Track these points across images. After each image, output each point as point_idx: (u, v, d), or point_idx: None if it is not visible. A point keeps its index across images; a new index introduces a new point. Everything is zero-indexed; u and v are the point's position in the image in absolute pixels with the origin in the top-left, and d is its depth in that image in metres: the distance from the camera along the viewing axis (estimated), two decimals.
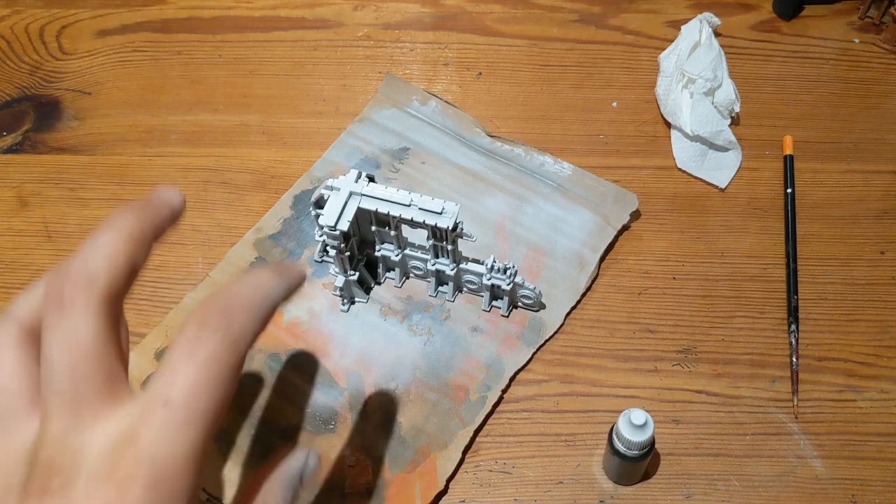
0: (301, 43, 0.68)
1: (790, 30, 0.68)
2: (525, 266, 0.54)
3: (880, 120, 0.62)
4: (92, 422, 0.25)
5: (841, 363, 0.51)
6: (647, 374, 0.51)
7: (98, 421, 0.25)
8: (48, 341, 0.25)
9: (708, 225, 0.57)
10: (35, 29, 0.70)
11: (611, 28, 0.69)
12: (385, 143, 0.60)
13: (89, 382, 0.25)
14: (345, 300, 0.52)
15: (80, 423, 0.25)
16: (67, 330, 0.25)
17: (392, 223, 0.49)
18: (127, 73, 0.66)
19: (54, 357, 0.25)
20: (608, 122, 0.63)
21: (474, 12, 0.70)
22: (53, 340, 0.25)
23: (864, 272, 0.55)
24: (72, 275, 0.26)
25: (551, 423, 0.49)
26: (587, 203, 0.57)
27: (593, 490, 0.47)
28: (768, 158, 0.60)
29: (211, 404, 0.25)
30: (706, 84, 0.59)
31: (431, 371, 0.50)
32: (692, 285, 0.54)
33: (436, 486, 0.46)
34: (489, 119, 0.63)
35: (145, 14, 0.70)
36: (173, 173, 0.60)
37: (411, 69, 0.66)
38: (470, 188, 0.58)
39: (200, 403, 0.25)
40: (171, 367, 0.25)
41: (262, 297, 0.27)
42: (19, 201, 0.59)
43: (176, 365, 0.25)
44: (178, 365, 0.25)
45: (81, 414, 0.25)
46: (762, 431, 0.48)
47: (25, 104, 0.65)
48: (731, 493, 0.46)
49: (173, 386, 0.24)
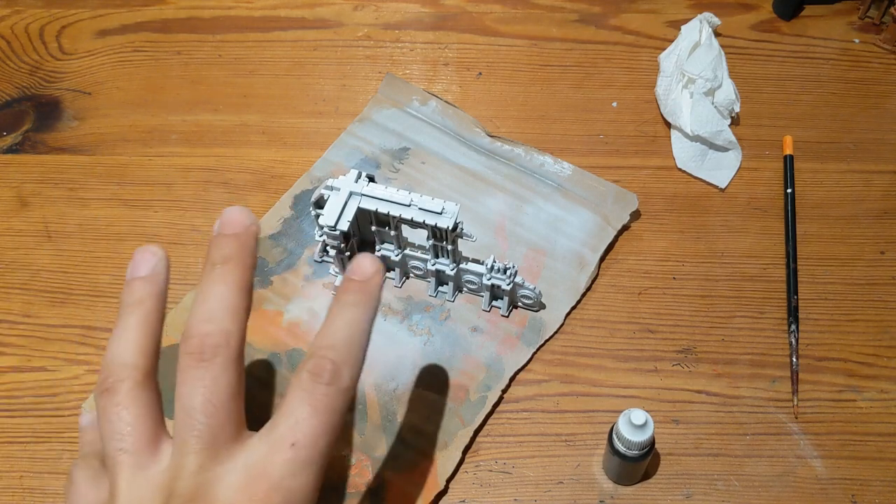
0: (301, 43, 0.68)
1: (790, 30, 0.68)
2: (525, 266, 0.54)
3: (880, 120, 0.62)
4: (223, 458, 0.29)
5: (841, 363, 0.51)
6: (647, 374, 0.51)
7: (229, 457, 0.30)
8: (189, 390, 0.30)
9: (708, 225, 0.57)
10: (35, 29, 0.70)
11: (611, 28, 0.69)
12: (385, 143, 0.60)
13: (224, 427, 0.30)
14: None
15: (214, 460, 0.29)
16: (209, 381, 0.30)
17: (392, 223, 0.49)
18: (127, 73, 0.66)
19: (195, 405, 0.30)
20: (608, 122, 0.63)
21: (474, 12, 0.70)
22: (196, 390, 0.30)
23: (864, 272, 0.55)
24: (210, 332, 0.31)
25: (551, 423, 0.49)
26: (587, 203, 0.57)
27: (593, 490, 0.47)
28: (768, 158, 0.60)
29: (329, 446, 0.30)
30: (706, 84, 0.59)
31: (431, 371, 0.50)
32: (692, 285, 0.54)
33: (436, 486, 0.46)
34: (489, 119, 0.63)
35: (145, 14, 0.70)
36: (173, 173, 0.60)
37: (411, 69, 0.66)
38: (470, 188, 0.58)
39: (321, 446, 0.30)
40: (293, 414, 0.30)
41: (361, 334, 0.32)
42: (19, 201, 0.59)
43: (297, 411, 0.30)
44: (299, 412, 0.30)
45: (217, 452, 0.29)
46: (762, 431, 0.48)
47: (25, 104, 0.65)
48: (731, 493, 0.46)
49: (298, 431, 0.29)
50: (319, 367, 0.30)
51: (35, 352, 0.52)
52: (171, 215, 0.58)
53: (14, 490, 0.47)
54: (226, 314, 0.31)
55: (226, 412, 0.30)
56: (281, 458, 0.29)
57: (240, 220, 0.34)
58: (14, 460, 0.48)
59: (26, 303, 0.54)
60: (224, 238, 0.34)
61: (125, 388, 0.31)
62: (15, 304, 0.54)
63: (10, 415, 0.50)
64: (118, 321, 0.33)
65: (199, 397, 0.30)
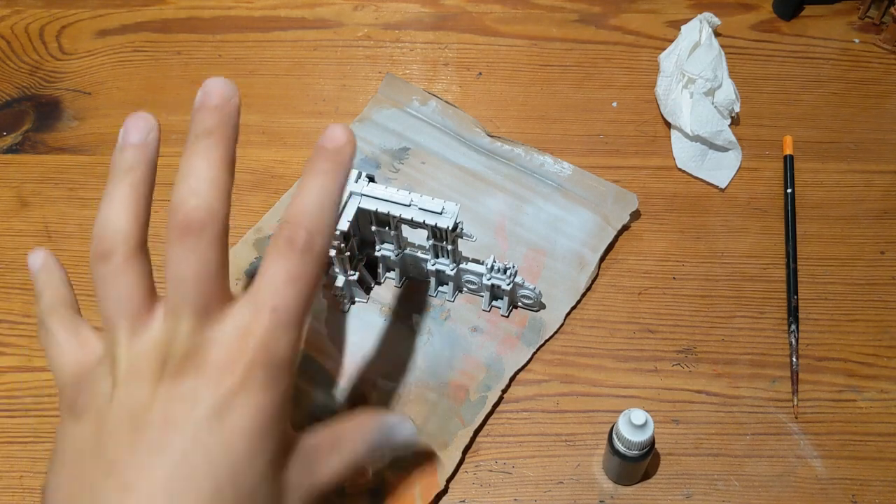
0: (301, 43, 0.68)
1: (790, 30, 0.68)
2: (525, 266, 0.54)
3: (880, 120, 0.62)
4: (214, 322, 0.31)
5: (841, 363, 0.51)
6: (647, 374, 0.51)
7: (218, 320, 0.31)
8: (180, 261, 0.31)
9: (708, 225, 0.57)
10: (35, 29, 0.70)
11: (611, 28, 0.69)
12: (385, 143, 0.60)
13: (213, 295, 0.31)
14: (345, 300, 0.52)
15: (206, 323, 0.31)
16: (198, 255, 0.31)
17: (392, 223, 0.49)
18: (127, 73, 0.66)
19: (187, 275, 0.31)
20: (608, 122, 0.63)
21: (474, 12, 0.70)
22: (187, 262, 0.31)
23: (864, 272, 0.55)
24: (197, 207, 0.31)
25: (551, 423, 0.49)
26: (587, 203, 0.57)
27: (593, 490, 0.47)
28: (768, 158, 0.60)
29: (305, 309, 0.32)
30: (706, 84, 0.59)
31: (431, 371, 0.50)
32: (692, 285, 0.54)
33: (436, 486, 0.46)
34: (489, 119, 0.63)
35: (145, 14, 0.70)
36: (173, 173, 0.60)
37: (411, 69, 0.66)
38: (470, 188, 0.58)
39: (298, 309, 0.32)
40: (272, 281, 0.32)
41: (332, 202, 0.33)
42: (19, 201, 0.59)
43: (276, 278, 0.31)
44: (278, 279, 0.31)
45: (208, 317, 0.31)
46: (762, 431, 0.48)
47: (25, 104, 0.65)
48: (731, 493, 0.46)
49: (277, 296, 0.31)
50: (293, 233, 0.32)
51: (35, 352, 0.52)
52: None
53: (14, 490, 0.47)
54: (211, 190, 0.32)
55: (215, 281, 0.31)
56: (264, 320, 0.31)
57: (222, 91, 0.34)
58: (14, 460, 0.48)
59: (26, 303, 0.54)
60: (206, 110, 0.34)
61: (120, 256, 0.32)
62: (15, 304, 0.54)
63: (10, 415, 0.50)
64: (109, 188, 0.33)
65: (190, 268, 0.31)
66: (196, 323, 0.31)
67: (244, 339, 0.31)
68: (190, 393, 0.30)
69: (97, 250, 0.32)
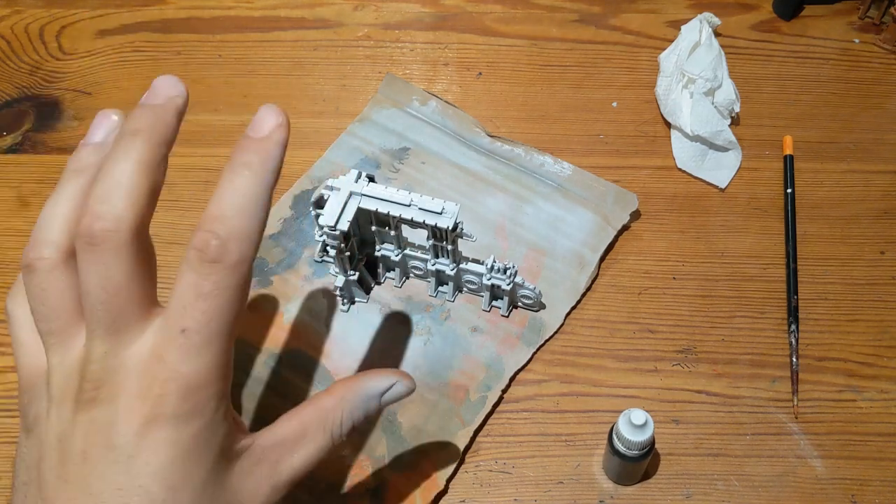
0: (301, 43, 0.68)
1: (790, 30, 0.68)
2: (525, 266, 0.54)
3: (880, 120, 0.62)
4: (128, 342, 0.29)
5: (841, 363, 0.51)
6: (647, 374, 0.51)
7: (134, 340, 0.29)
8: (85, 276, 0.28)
9: (708, 225, 0.57)
10: (35, 29, 0.70)
11: (611, 28, 0.69)
12: (385, 143, 0.60)
13: (123, 311, 0.29)
14: (345, 300, 0.52)
15: (119, 345, 0.29)
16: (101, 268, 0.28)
17: (392, 223, 0.49)
18: (127, 73, 0.66)
19: (92, 291, 0.28)
20: (608, 122, 0.63)
21: (474, 12, 0.70)
22: (90, 276, 0.28)
23: (864, 272, 0.55)
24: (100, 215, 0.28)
25: (551, 423, 0.49)
26: (587, 203, 0.57)
27: (593, 490, 0.47)
28: (768, 158, 0.60)
29: (223, 325, 0.29)
30: (706, 84, 0.59)
31: (431, 371, 0.50)
32: (692, 285, 0.54)
33: (436, 486, 0.46)
34: (489, 119, 0.63)
35: (145, 14, 0.70)
36: (173, 173, 0.59)
37: (411, 69, 0.66)
38: (470, 188, 0.58)
39: (214, 328, 0.29)
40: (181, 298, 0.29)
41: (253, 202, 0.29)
42: (19, 201, 0.59)
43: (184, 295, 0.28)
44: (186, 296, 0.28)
45: (120, 337, 0.29)
46: (762, 431, 0.48)
47: (25, 104, 0.65)
48: (731, 493, 0.46)
49: (186, 316, 0.28)
50: (203, 242, 0.28)
51: None
52: (171, 215, 0.58)
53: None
54: (121, 195, 0.28)
55: (124, 296, 0.29)
56: (174, 345, 0.28)
57: (164, 90, 0.31)
58: None
59: None
60: (140, 108, 0.31)
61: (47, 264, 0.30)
62: None
63: (10, 415, 0.50)
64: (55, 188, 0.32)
65: (91, 282, 0.28)
66: (109, 344, 0.29)
67: (154, 366, 0.28)
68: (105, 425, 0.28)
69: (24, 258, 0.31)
